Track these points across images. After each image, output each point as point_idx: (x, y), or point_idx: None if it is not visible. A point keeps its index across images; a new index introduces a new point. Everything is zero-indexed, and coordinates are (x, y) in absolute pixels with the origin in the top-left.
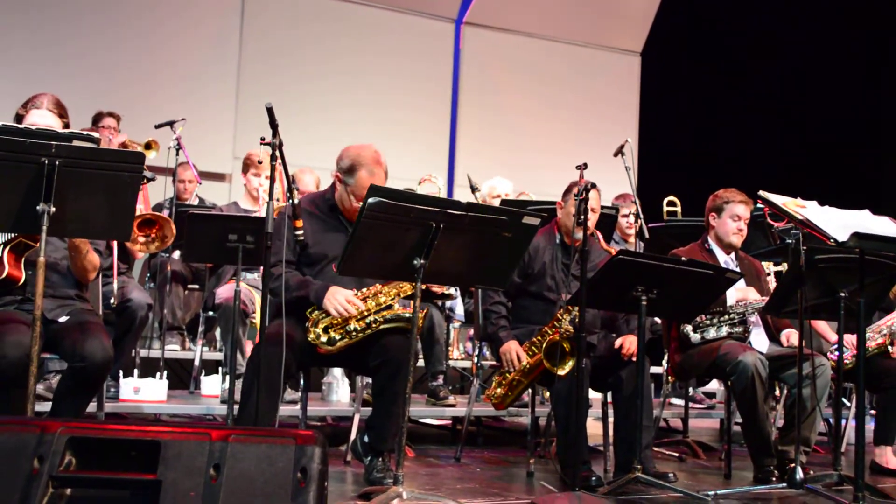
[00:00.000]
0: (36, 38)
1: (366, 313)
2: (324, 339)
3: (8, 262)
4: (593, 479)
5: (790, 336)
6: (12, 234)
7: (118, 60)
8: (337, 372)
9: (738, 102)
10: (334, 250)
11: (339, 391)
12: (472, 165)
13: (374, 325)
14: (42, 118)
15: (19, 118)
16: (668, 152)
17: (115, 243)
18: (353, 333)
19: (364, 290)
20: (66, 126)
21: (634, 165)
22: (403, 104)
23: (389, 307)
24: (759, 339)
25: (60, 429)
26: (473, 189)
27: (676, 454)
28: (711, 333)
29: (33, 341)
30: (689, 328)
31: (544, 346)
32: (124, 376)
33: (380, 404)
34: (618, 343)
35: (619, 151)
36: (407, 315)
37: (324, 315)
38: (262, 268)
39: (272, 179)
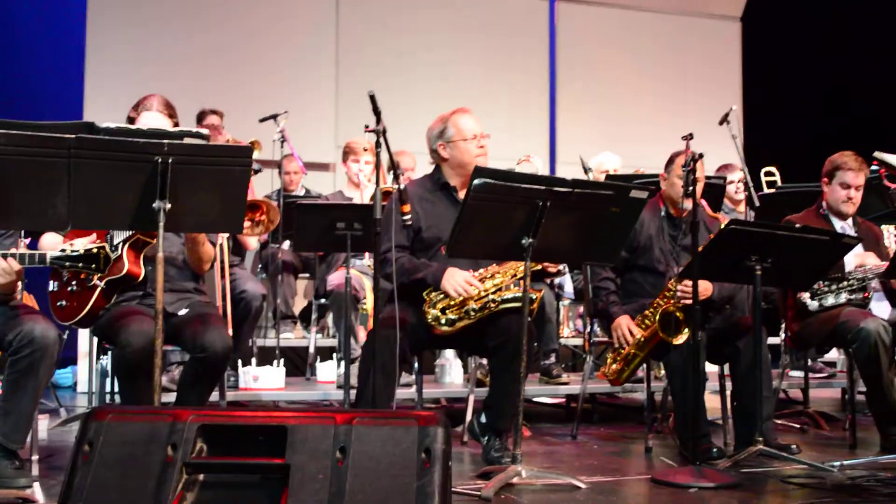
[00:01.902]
0: (136, 40)
1: (483, 294)
2: (441, 320)
3: (128, 260)
4: (715, 451)
5: None
6: (130, 232)
7: (217, 58)
8: (449, 354)
9: (846, 62)
10: (448, 232)
11: (453, 373)
12: (574, 142)
13: (490, 306)
14: (153, 120)
15: (131, 120)
16: (774, 118)
17: (220, 245)
18: (471, 314)
19: (481, 270)
20: (176, 125)
21: (740, 133)
22: (502, 84)
23: (506, 288)
24: (880, 306)
25: (191, 417)
26: (586, 170)
27: (798, 425)
28: (830, 300)
29: (156, 334)
30: (806, 296)
31: (658, 316)
32: (243, 365)
33: (498, 384)
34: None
35: (725, 119)
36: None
37: (441, 296)
38: (371, 254)
39: (378, 166)
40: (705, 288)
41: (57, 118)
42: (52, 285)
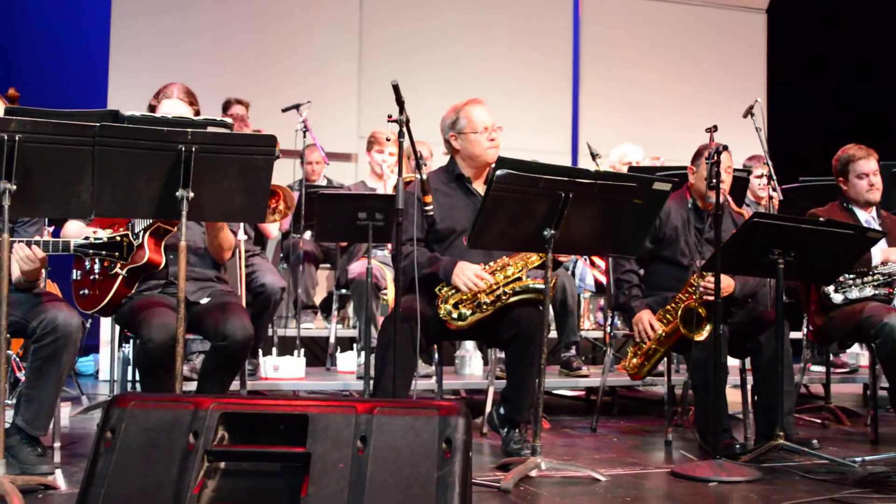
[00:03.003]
0: (161, 29)
1: (494, 286)
2: (454, 314)
3: (148, 248)
4: (737, 446)
5: None
6: (151, 220)
7: (242, 48)
8: (469, 345)
9: (871, 55)
10: (463, 223)
11: (472, 364)
12: (596, 133)
13: (503, 298)
14: (173, 107)
15: (152, 109)
16: (799, 111)
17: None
18: (484, 307)
19: (492, 263)
20: (197, 113)
21: (765, 126)
22: (525, 76)
23: (518, 279)
24: None
25: (212, 405)
26: (594, 156)
27: (819, 420)
28: (854, 294)
29: (178, 323)
30: (830, 288)
31: (680, 312)
32: (264, 355)
33: (514, 376)
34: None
35: (749, 112)
36: (536, 286)
37: (453, 291)
38: (391, 244)
39: (400, 156)
40: (727, 284)
41: (81, 107)
42: (75, 274)
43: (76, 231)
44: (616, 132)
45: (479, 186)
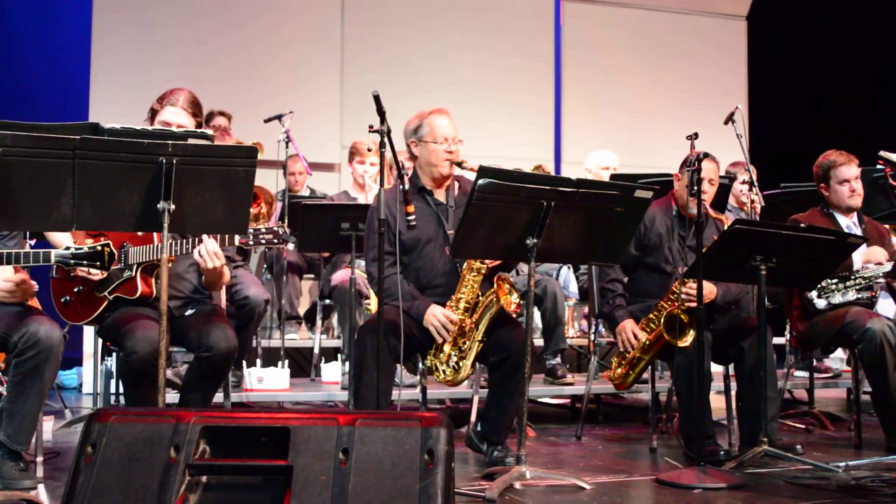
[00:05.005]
0: (142, 42)
1: (462, 324)
2: (448, 372)
3: (140, 284)
4: (721, 453)
5: None
6: (144, 259)
7: (224, 60)
8: None
9: (851, 62)
10: (428, 232)
11: None
12: (580, 141)
13: (474, 331)
14: (176, 116)
15: (153, 112)
16: (780, 117)
17: None
18: (467, 347)
19: (450, 301)
20: (199, 125)
21: (746, 132)
22: (507, 85)
23: (476, 305)
24: (886, 305)
25: (194, 418)
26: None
27: (803, 426)
28: (837, 298)
29: (161, 336)
30: (813, 294)
31: (663, 319)
32: (248, 366)
33: (496, 398)
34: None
35: (730, 119)
36: (490, 301)
37: (439, 353)
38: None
39: (382, 166)
40: (709, 291)
41: (62, 120)
42: (53, 270)
43: (62, 239)
44: (599, 138)
45: (441, 196)
